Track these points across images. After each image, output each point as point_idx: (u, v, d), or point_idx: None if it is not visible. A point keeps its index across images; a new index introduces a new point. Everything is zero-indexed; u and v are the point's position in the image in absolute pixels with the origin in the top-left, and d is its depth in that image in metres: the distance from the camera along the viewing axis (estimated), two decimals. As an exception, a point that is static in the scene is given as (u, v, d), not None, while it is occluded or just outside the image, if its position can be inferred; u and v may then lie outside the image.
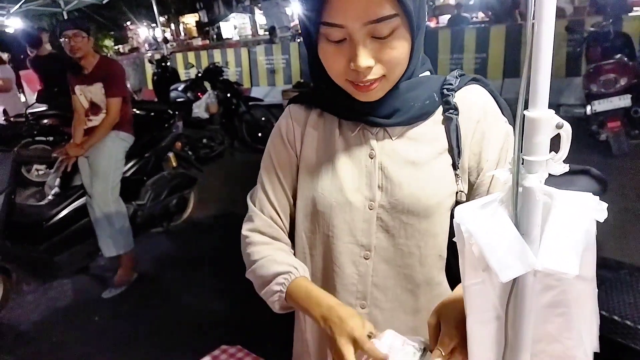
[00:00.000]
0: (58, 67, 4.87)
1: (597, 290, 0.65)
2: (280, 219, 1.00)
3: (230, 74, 8.36)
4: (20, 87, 6.83)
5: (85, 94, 3.18)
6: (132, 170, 3.44)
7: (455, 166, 0.90)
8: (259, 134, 6.23)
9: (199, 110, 5.86)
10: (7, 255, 2.89)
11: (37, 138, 5.25)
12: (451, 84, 0.90)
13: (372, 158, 0.91)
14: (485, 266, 0.62)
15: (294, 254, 1.00)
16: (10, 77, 5.96)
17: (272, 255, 0.96)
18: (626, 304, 1.41)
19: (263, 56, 9.38)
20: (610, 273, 1.60)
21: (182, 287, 3.32)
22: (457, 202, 0.91)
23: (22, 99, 7.17)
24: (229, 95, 6.11)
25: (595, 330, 0.67)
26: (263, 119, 6.21)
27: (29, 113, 5.27)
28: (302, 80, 8.49)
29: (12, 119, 5.20)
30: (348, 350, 0.80)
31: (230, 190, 4.98)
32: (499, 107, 0.92)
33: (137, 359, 2.63)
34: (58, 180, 3.25)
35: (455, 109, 0.89)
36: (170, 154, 3.83)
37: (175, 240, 3.98)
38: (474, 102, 0.90)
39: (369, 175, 0.91)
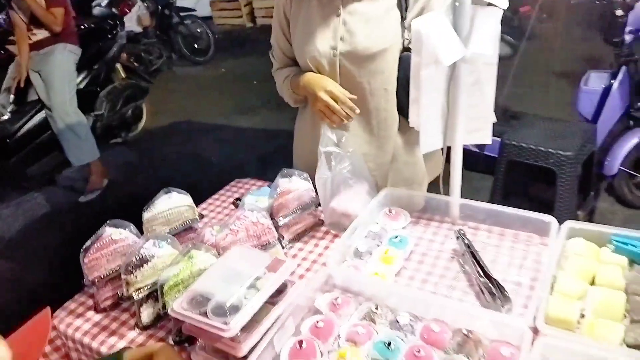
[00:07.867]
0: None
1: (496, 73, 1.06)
2: (289, 59, 1.44)
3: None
4: None
5: (24, 9, 3.11)
6: (84, 82, 3.51)
7: (402, 18, 1.24)
8: (196, 45, 6.22)
9: (131, 23, 5.69)
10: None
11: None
12: None
13: (338, 16, 1.27)
14: (435, 59, 0.99)
15: None
16: None
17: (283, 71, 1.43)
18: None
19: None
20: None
21: (153, 191, 3.54)
22: (404, 48, 1.28)
23: None
24: (159, 7, 5.96)
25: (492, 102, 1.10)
26: (199, 30, 6.17)
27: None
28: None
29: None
30: (327, 97, 1.25)
31: (178, 102, 5.12)
32: None
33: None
34: (12, 97, 3.27)
35: None
36: (118, 65, 3.88)
37: (135, 149, 4.16)
38: None
39: (334, 29, 1.28)
